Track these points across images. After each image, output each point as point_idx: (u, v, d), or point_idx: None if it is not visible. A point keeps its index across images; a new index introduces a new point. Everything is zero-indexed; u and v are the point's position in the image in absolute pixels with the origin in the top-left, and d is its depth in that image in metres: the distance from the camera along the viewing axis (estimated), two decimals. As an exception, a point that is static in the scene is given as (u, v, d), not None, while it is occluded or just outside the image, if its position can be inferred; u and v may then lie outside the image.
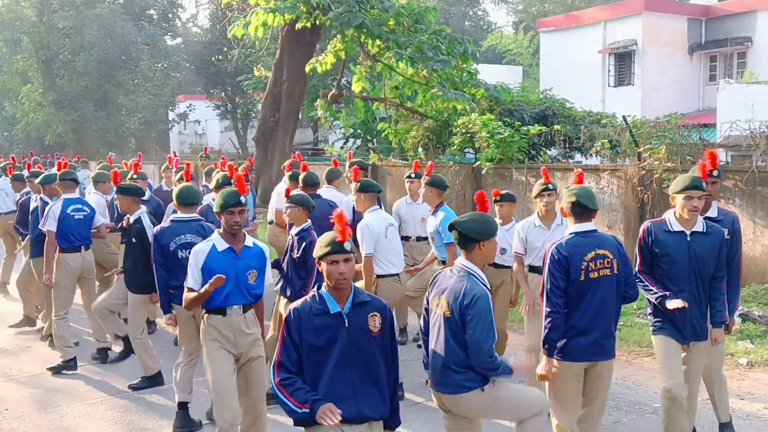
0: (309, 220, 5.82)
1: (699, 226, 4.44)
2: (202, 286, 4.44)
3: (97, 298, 7.10)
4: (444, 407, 3.91)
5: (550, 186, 5.59)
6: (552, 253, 4.11)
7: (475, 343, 3.65)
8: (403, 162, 14.80)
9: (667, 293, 4.39)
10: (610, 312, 4.16)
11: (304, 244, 5.61)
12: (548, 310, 4.08)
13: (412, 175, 7.45)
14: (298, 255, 5.63)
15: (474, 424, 3.95)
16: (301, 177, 7.21)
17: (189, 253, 5.17)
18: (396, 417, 3.60)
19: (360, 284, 5.49)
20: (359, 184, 6.25)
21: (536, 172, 11.74)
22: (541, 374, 4.18)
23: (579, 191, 4.17)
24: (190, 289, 4.54)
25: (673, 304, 4.30)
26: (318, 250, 3.44)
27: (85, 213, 7.27)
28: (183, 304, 4.69)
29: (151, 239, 5.89)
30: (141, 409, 6.01)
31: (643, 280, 4.54)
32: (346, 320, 3.40)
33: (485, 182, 12.29)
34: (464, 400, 3.76)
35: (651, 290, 4.49)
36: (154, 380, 6.46)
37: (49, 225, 7.05)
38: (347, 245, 3.40)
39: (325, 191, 7.76)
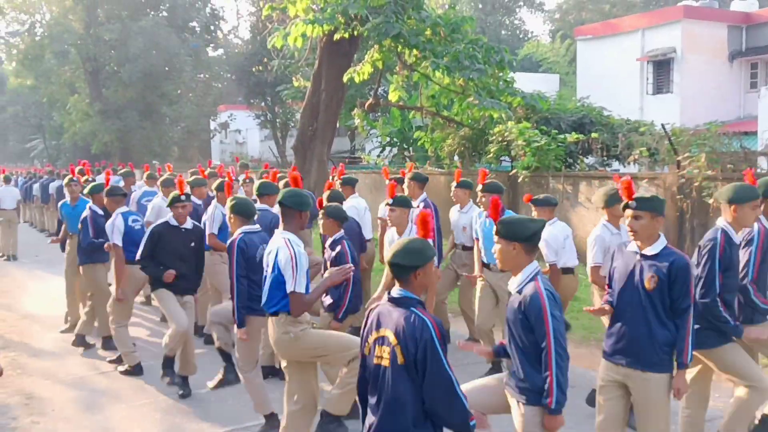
0: (342, 230, 5.95)
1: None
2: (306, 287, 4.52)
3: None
4: None
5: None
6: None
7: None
8: (440, 170, 14.86)
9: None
10: None
11: (335, 253, 5.76)
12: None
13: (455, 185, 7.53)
14: (332, 264, 5.75)
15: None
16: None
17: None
18: None
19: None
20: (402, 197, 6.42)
21: (573, 180, 11.70)
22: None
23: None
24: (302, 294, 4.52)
25: None
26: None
27: (141, 223, 7.48)
28: (305, 308, 4.60)
29: None
30: (182, 413, 6.15)
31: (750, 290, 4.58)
32: None
33: (521, 190, 12.29)
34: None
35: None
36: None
37: (115, 239, 7.13)
38: None
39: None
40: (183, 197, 6.55)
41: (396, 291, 3.12)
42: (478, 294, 6.66)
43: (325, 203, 6.52)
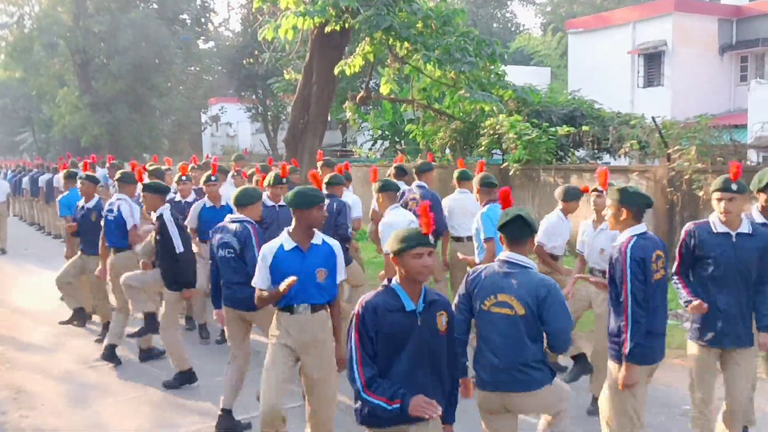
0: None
1: (745, 227, 4.34)
2: (273, 285, 4.43)
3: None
4: (504, 408, 3.77)
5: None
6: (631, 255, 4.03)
7: (561, 330, 3.63)
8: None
9: (693, 299, 4.35)
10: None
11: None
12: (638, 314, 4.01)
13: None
14: None
15: (516, 422, 3.91)
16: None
17: (228, 252, 5.36)
18: (452, 411, 3.54)
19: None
20: (379, 183, 6.42)
21: (564, 173, 11.72)
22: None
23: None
24: (260, 290, 4.52)
25: (695, 308, 4.30)
26: (397, 244, 3.29)
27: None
28: (255, 302, 4.62)
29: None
30: (172, 406, 6.14)
31: (678, 282, 4.53)
32: (419, 319, 3.32)
33: (513, 183, 12.30)
34: (539, 395, 3.71)
35: (682, 293, 4.46)
36: (186, 376, 6.53)
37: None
38: (431, 238, 3.34)
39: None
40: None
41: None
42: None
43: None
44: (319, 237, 4.53)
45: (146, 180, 7.07)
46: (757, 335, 4.41)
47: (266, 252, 4.49)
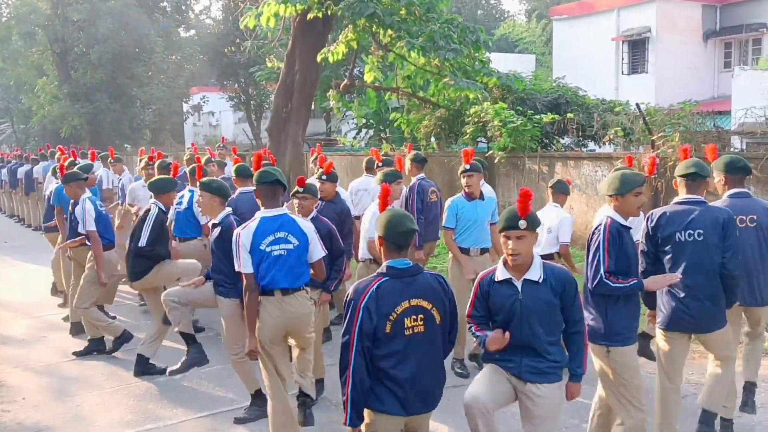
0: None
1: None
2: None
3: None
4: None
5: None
6: None
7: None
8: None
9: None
10: None
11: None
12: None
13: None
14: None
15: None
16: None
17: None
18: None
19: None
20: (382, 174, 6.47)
21: (549, 160, 11.70)
22: None
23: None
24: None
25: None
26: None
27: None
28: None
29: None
30: (156, 398, 6.07)
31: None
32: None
33: (498, 171, 12.28)
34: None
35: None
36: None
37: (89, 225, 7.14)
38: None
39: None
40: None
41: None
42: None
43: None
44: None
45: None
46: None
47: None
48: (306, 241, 4.77)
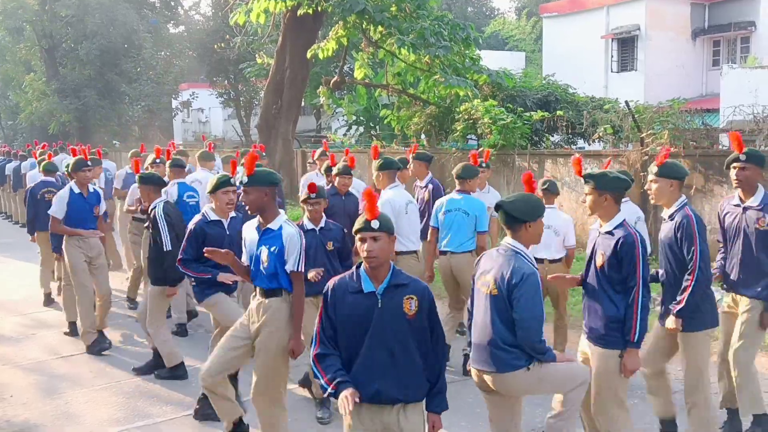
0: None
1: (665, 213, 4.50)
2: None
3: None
4: (484, 386, 3.86)
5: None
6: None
7: (523, 320, 3.62)
8: (406, 149, 14.79)
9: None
10: None
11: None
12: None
13: (484, 165, 7.38)
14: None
15: (515, 401, 3.92)
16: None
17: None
18: (439, 400, 3.44)
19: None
20: (379, 162, 6.40)
21: (539, 158, 11.72)
22: None
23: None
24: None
25: None
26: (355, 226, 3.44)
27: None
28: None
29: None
30: (145, 396, 6.05)
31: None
32: (380, 301, 3.32)
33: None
34: (509, 378, 3.72)
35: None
36: (177, 373, 6.29)
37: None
38: (374, 223, 3.32)
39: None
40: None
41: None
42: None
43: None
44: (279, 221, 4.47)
45: (142, 171, 7.05)
46: None
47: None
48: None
